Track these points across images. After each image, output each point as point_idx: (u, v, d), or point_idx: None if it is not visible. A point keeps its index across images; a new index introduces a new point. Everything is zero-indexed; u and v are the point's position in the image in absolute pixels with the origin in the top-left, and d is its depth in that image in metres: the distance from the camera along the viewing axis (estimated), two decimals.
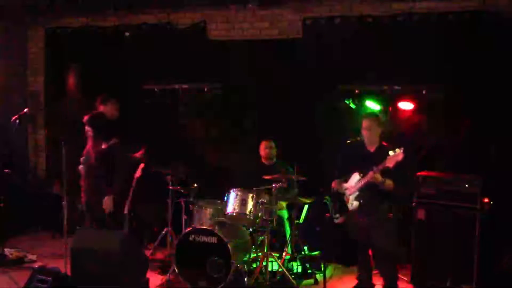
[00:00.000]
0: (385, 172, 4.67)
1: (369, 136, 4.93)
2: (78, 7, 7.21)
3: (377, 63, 5.95)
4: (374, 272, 5.17)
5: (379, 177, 4.65)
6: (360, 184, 4.83)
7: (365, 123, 4.94)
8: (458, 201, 5.08)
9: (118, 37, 7.28)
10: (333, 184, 5.10)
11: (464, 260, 4.99)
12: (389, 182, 4.70)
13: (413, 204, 5.32)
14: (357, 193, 4.87)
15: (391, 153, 4.56)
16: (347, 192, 4.97)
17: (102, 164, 5.10)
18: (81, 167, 5.28)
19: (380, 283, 5.09)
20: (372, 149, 4.95)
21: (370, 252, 5.07)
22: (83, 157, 5.27)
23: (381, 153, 4.74)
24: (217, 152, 6.89)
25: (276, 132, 6.38)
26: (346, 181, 5.03)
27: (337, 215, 5.03)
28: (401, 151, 4.51)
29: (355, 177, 4.91)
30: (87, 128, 5.21)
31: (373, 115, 5.14)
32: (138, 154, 6.04)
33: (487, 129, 5.66)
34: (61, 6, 7.25)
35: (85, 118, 5.22)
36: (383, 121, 5.06)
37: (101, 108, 5.88)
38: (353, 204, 4.89)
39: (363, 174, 4.81)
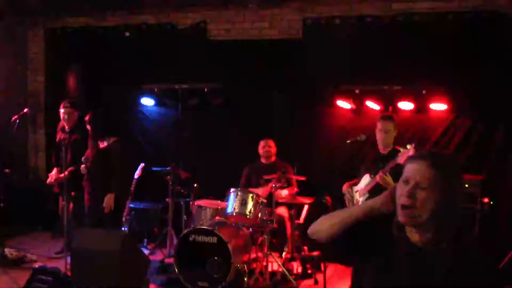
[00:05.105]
0: (397, 174, 4.55)
1: (385, 139, 4.71)
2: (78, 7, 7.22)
3: (377, 63, 5.95)
4: None
5: (390, 180, 4.37)
6: (369, 187, 4.61)
7: (382, 125, 4.73)
8: None
9: (118, 37, 7.28)
10: (344, 187, 5.00)
11: None
12: None
13: None
14: (367, 195, 4.66)
15: (401, 149, 4.30)
16: (357, 194, 4.80)
17: (101, 163, 5.10)
18: (83, 166, 5.28)
19: None
20: (385, 151, 4.75)
21: None
22: (84, 157, 5.29)
23: (394, 156, 4.54)
24: (217, 152, 6.89)
25: (276, 132, 6.39)
26: (356, 184, 4.89)
27: None
28: (413, 146, 4.19)
29: (366, 179, 4.72)
30: (87, 126, 5.22)
31: (390, 117, 4.92)
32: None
33: (487, 128, 5.67)
34: (61, 6, 7.25)
35: (86, 117, 5.24)
36: (397, 123, 4.86)
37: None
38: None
39: (374, 176, 4.57)
